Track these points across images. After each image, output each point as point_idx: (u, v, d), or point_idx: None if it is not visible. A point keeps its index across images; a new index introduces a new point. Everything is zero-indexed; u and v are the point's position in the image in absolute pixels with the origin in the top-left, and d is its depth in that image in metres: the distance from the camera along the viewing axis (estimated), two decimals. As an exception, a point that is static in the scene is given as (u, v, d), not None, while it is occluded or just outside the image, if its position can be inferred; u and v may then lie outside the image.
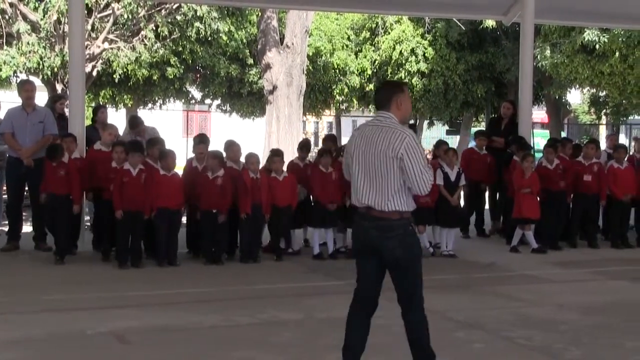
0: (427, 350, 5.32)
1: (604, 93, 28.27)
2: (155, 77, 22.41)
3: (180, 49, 21.79)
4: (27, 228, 11.30)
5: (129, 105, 25.25)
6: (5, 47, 17.70)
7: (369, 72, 27.75)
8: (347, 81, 27.42)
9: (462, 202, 12.18)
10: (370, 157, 5.08)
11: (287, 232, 10.91)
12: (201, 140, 10.99)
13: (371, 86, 27.80)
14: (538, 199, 11.64)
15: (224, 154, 10.57)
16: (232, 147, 10.77)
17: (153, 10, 18.46)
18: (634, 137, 25.28)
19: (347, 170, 5.37)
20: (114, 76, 20.10)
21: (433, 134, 36.99)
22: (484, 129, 18.33)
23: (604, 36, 19.69)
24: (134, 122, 11.70)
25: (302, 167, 11.39)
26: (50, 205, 10.04)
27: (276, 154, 10.99)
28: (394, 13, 23.12)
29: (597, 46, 20.02)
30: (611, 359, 6.12)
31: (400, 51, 26.59)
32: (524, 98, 13.20)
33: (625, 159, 12.67)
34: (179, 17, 20.08)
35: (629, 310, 7.97)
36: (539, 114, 37.42)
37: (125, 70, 20.14)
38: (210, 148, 10.94)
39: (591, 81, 23.55)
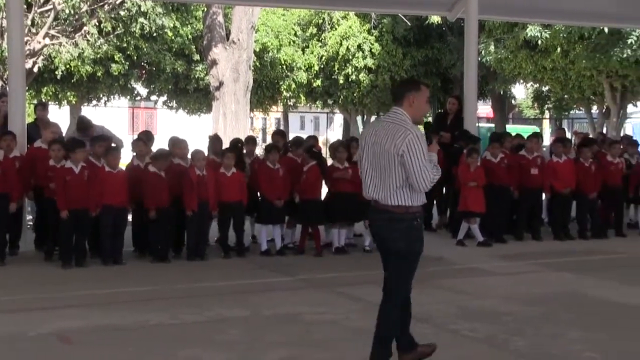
0: (385, 347, 5.37)
1: (547, 88, 28.72)
2: (99, 74, 22.14)
3: (125, 45, 21.55)
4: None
5: (73, 102, 24.89)
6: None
7: (316, 67, 27.78)
8: (294, 77, 27.41)
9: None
10: (377, 152, 5.23)
11: (239, 229, 10.85)
12: (140, 138, 10.93)
13: (318, 82, 27.85)
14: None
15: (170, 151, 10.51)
16: (178, 144, 10.70)
17: (96, 6, 18.18)
18: (573, 131, 25.72)
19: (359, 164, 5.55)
20: (56, 73, 19.79)
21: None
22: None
23: (545, 32, 19.99)
24: (82, 125, 11.44)
25: (249, 162, 11.34)
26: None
27: (230, 150, 10.93)
28: (341, 9, 23.16)
29: (540, 42, 20.32)
30: (554, 348, 6.21)
31: (347, 47, 26.68)
32: (469, 93, 13.32)
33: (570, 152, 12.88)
34: (122, 13, 19.84)
35: (571, 301, 8.10)
36: (484, 108, 37.87)
37: (68, 66, 19.85)
38: (157, 145, 10.86)
39: (534, 76, 23.93)
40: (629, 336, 6.64)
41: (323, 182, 11.16)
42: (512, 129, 23.91)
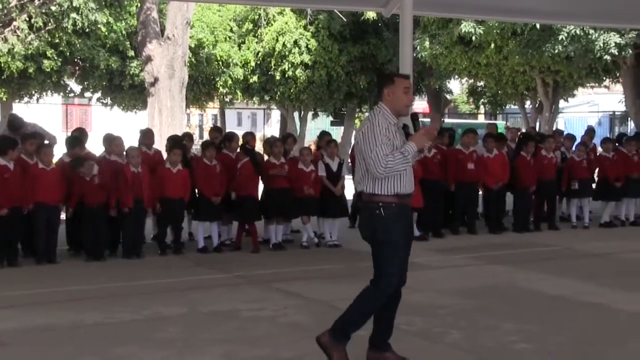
0: (347, 325, 5.44)
1: (482, 83, 29.13)
2: (31, 70, 21.75)
3: (57, 40, 21.20)
4: None
5: (4, 99, 24.38)
6: None
7: (253, 63, 27.69)
8: (231, 73, 27.29)
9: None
10: (358, 145, 5.39)
11: (178, 225, 10.79)
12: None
13: (255, 78, 27.77)
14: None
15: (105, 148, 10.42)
16: (114, 141, 10.59)
17: (25, 0, 17.84)
18: (506, 127, 26.14)
19: None
20: (-15, 69, 19.38)
21: (318, 125, 37.24)
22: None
23: (479, 28, 20.24)
24: (13, 124, 11.18)
25: (187, 159, 11.26)
26: None
27: (176, 146, 10.84)
28: (277, 4, 23.12)
29: (474, 38, 20.57)
30: (488, 340, 6.31)
31: (284, 43, 26.64)
32: (405, 89, 13.39)
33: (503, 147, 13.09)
34: (53, 8, 19.51)
35: (505, 294, 8.24)
36: (420, 104, 38.23)
37: (-3, 62, 19.45)
38: (92, 142, 10.75)
39: (469, 72, 24.25)
40: (562, 327, 6.78)
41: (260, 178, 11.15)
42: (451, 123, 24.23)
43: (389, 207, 5.29)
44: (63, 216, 10.36)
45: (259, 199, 11.25)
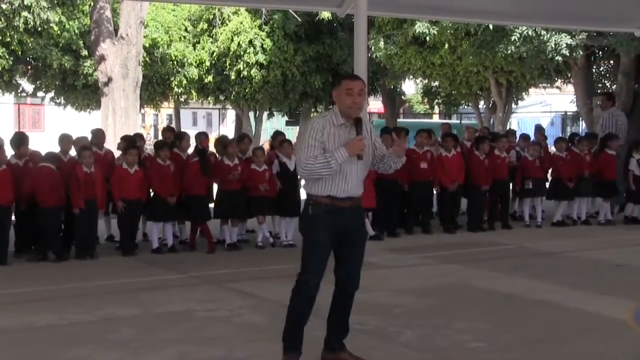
0: (284, 334, 5.48)
1: (436, 83, 29.33)
2: (-18, 69, 21.43)
3: (8, 39, 20.89)
4: None
5: (-46, 98, 24.03)
6: None
7: (208, 63, 27.57)
8: (186, 73, 27.14)
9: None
10: None
11: (134, 226, 10.74)
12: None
13: (210, 78, 27.65)
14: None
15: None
16: (64, 140, 10.54)
17: (-24, -1, 17.59)
18: (465, 127, 26.38)
19: None
20: None
21: (273, 124, 37.23)
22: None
23: (434, 28, 20.37)
24: None
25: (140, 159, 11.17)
26: None
27: (132, 147, 10.76)
28: (231, 4, 23.07)
29: (428, 38, 20.71)
30: (442, 339, 6.36)
31: (239, 43, 26.57)
32: (359, 89, 13.44)
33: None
34: (4, 6, 19.24)
35: (459, 292, 8.32)
36: (375, 104, 38.42)
37: (-53, 61, 19.13)
38: (45, 142, 10.63)
39: (424, 72, 24.40)
40: (514, 325, 6.86)
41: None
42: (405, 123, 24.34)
43: (318, 207, 5.32)
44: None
45: (214, 198, 11.23)
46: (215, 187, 11.49)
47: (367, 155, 5.39)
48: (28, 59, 23.46)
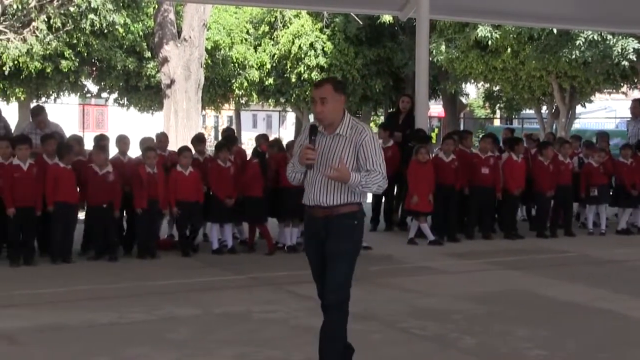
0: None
1: (497, 88, 29.05)
2: (48, 70, 21.87)
3: (75, 41, 21.31)
4: None
5: (22, 99, 24.52)
6: None
7: (268, 66, 27.74)
8: (247, 75, 27.34)
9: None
10: None
11: (197, 227, 10.83)
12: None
13: (270, 80, 27.81)
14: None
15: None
16: (121, 141, 10.74)
17: (44, 1, 17.95)
18: (524, 134, 26.06)
19: None
20: (4, 69, 19.50)
21: (333, 128, 37.21)
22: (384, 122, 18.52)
23: (496, 32, 20.20)
24: (35, 110, 11.35)
25: (201, 161, 11.26)
26: None
27: (185, 149, 10.86)
28: (293, 7, 23.16)
29: (490, 42, 20.52)
30: (503, 346, 6.28)
31: (300, 45, 26.67)
32: (420, 93, 13.39)
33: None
34: (72, 9, 19.63)
35: (519, 299, 8.19)
36: (436, 108, 38.18)
37: (16, 62, 19.56)
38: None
39: (485, 76, 24.18)
40: (575, 334, 6.74)
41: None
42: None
43: (305, 216, 5.35)
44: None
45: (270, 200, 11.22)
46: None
47: (322, 165, 5.04)
48: (93, 60, 23.88)
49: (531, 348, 6.22)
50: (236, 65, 27.12)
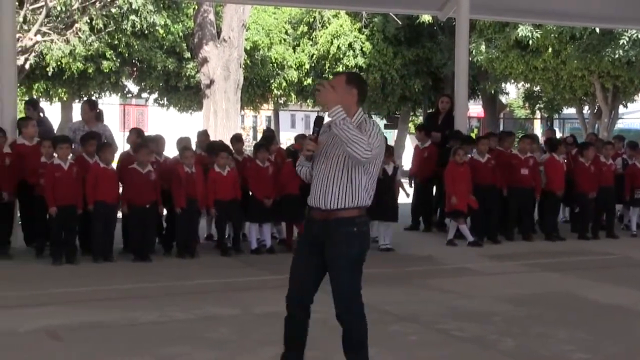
0: None
1: (538, 88, 28.78)
2: (90, 71, 22.12)
3: (116, 42, 21.52)
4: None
5: (64, 99, 24.83)
6: None
7: (307, 66, 27.78)
8: (285, 75, 27.40)
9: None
10: None
11: (238, 225, 10.88)
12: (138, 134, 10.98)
13: (309, 80, 27.84)
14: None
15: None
16: (158, 140, 10.85)
17: (87, 3, 18.16)
18: (563, 139, 25.81)
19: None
20: (48, 69, 19.76)
21: (371, 128, 37.13)
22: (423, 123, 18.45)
23: (537, 32, 20.02)
24: (91, 102, 11.58)
25: (240, 160, 11.32)
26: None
27: (223, 149, 10.92)
28: (332, 7, 23.18)
29: (531, 42, 20.35)
30: (543, 349, 6.22)
31: (338, 45, 26.67)
32: (460, 93, 13.33)
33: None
34: (114, 10, 19.83)
35: (560, 302, 8.12)
36: (475, 108, 37.92)
37: (59, 63, 19.81)
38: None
39: (525, 76, 23.99)
40: (618, 337, 6.66)
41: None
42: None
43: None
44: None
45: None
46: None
47: (325, 160, 4.88)
48: (134, 61, 24.09)
49: (572, 351, 6.16)
50: (275, 65, 27.19)
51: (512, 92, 39.61)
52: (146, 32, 21.95)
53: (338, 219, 4.84)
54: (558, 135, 20.83)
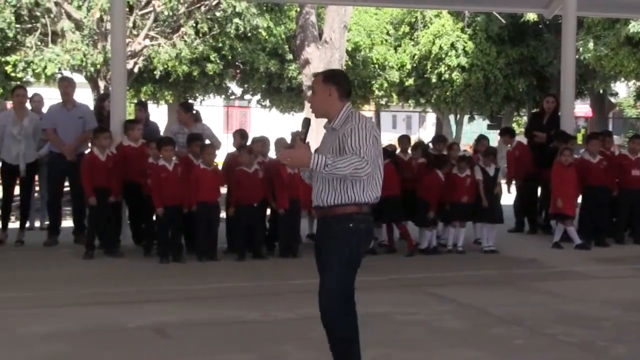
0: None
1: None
2: (195, 73, 22.57)
3: (220, 45, 21.92)
4: (66, 223, 11.42)
5: (170, 101, 25.45)
6: (50, 45, 17.98)
7: (409, 66, 27.67)
8: (387, 76, 27.35)
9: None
10: None
11: None
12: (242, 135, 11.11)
13: (410, 81, 27.72)
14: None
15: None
16: (261, 142, 10.91)
17: (193, 7, 18.58)
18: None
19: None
20: (155, 73, 20.28)
21: (474, 128, 36.74)
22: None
23: (648, 28, 19.40)
24: (186, 105, 11.78)
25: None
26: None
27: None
28: (434, 7, 23.01)
29: (642, 38, 19.74)
30: (655, 356, 6.02)
31: (440, 45, 26.47)
32: (566, 92, 13.01)
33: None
34: (218, 14, 20.20)
35: (673, 307, 7.83)
36: (582, 108, 37.00)
37: (165, 66, 20.30)
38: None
39: (637, 74, 23.26)
40: None
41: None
42: None
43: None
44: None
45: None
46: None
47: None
48: (237, 63, 24.48)
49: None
50: (376, 66, 27.18)
51: (622, 91, 38.48)
52: (249, 34, 22.26)
53: (335, 215, 4.80)
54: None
